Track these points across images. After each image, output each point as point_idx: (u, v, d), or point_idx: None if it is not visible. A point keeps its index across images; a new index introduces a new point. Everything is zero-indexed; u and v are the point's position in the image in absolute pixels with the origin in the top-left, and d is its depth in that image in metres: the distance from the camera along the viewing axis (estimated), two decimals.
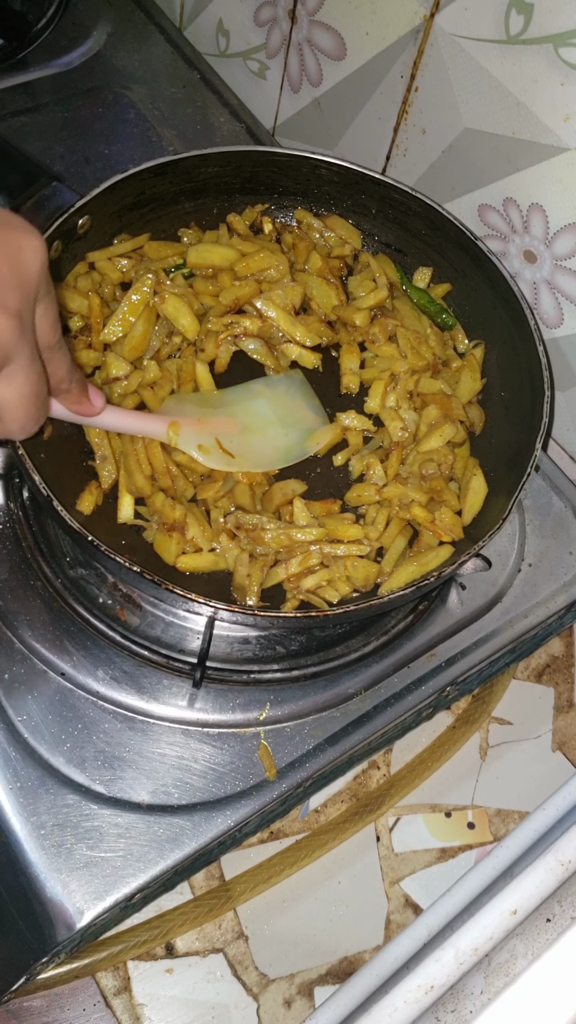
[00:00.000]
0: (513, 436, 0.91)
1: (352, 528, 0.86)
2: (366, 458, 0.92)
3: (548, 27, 0.82)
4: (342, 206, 1.02)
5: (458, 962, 0.71)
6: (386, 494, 0.88)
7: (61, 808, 0.77)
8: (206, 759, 0.81)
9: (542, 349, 0.88)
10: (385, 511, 0.88)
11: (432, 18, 0.93)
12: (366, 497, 0.89)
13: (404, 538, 0.88)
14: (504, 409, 0.94)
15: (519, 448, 0.88)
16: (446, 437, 0.90)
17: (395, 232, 1.02)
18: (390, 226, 1.01)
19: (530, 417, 0.88)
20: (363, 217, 1.02)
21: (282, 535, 0.83)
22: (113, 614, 0.87)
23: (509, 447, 0.91)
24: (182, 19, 1.33)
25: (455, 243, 0.96)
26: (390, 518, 0.88)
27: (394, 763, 0.97)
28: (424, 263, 1.02)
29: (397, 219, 1.00)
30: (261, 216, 1.02)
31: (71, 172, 1.13)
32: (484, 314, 0.97)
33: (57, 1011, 0.84)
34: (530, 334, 0.89)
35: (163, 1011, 0.84)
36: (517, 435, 0.90)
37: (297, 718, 0.84)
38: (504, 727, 1.00)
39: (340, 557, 0.84)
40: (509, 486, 0.85)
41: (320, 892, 0.90)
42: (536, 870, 0.74)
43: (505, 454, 0.91)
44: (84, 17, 1.30)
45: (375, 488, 0.89)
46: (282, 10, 1.13)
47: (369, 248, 1.04)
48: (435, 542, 0.87)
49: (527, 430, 0.87)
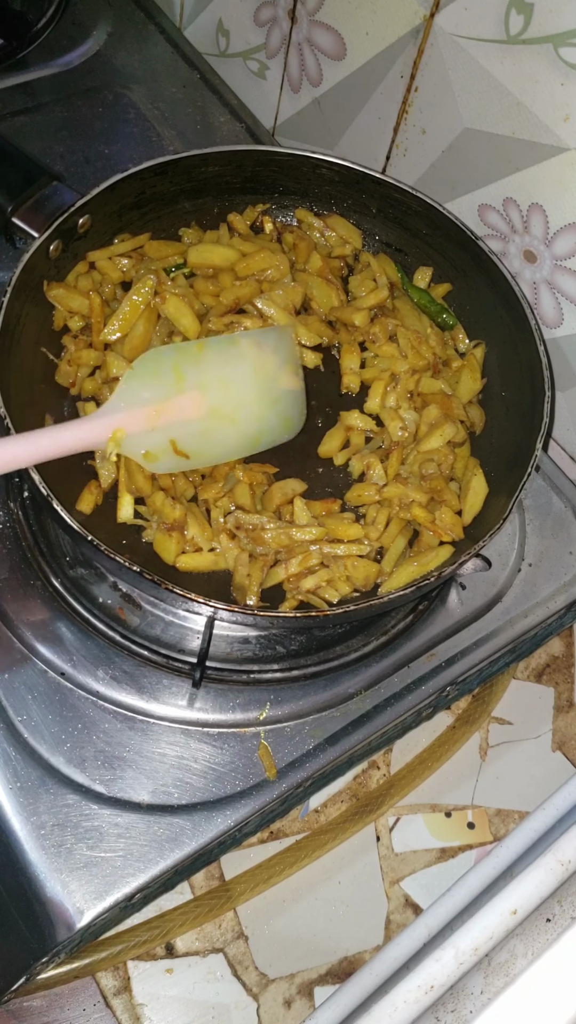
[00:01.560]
0: (513, 436, 0.91)
1: (352, 528, 0.85)
2: (366, 458, 0.92)
3: (548, 27, 0.82)
4: (343, 205, 1.02)
5: (458, 962, 0.71)
6: (386, 494, 0.88)
7: (61, 808, 0.77)
8: (206, 759, 0.81)
9: (543, 349, 0.88)
10: (385, 511, 0.88)
11: (432, 18, 0.93)
12: (366, 497, 0.89)
13: (404, 538, 0.88)
14: (504, 409, 0.94)
15: (519, 448, 0.88)
16: (446, 437, 0.90)
17: (396, 231, 1.02)
18: (391, 225, 1.01)
19: (530, 417, 0.88)
20: (364, 217, 1.02)
21: (282, 535, 0.83)
22: (113, 614, 0.87)
23: (509, 447, 0.91)
24: (182, 19, 1.33)
25: (456, 242, 0.96)
26: (390, 518, 0.88)
27: (394, 763, 0.97)
28: (425, 263, 1.02)
29: (398, 218, 1.00)
30: (262, 216, 1.02)
31: (71, 172, 1.13)
32: (485, 314, 0.97)
33: (57, 1011, 0.84)
34: (531, 333, 0.89)
35: (163, 1011, 0.84)
36: (517, 435, 0.90)
37: (297, 718, 0.84)
38: (504, 727, 1.00)
39: (340, 557, 0.84)
40: (509, 486, 0.85)
41: (320, 892, 0.90)
42: (536, 870, 0.74)
43: (505, 454, 0.91)
44: (84, 17, 1.30)
45: (375, 488, 0.89)
46: (282, 10, 1.13)
47: (370, 248, 1.04)
48: (435, 542, 0.87)
49: (527, 429, 0.87)
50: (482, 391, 0.97)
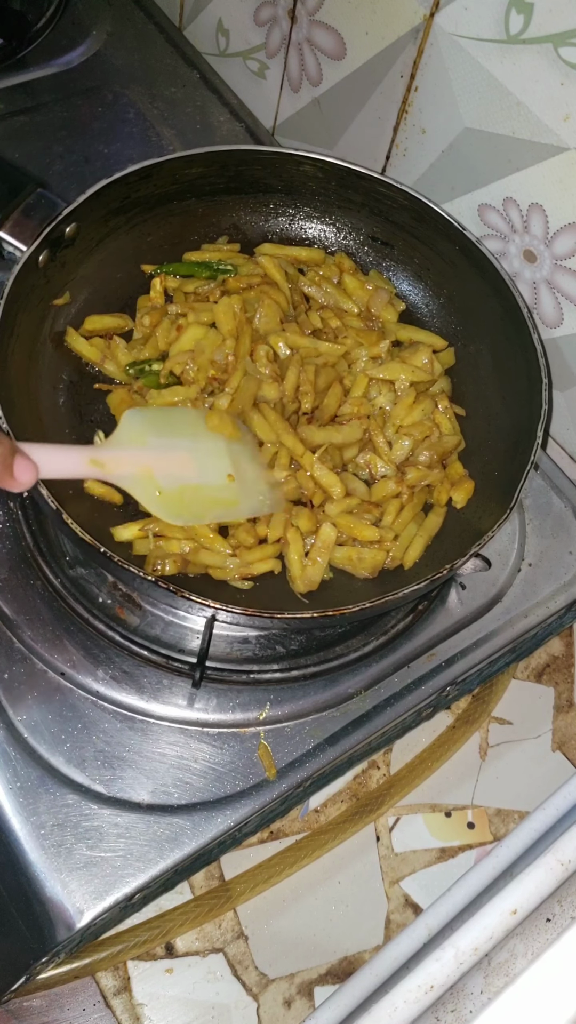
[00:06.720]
0: (513, 427, 0.91)
1: (368, 530, 0.86)
2: (365, 456, 0.92)
3: (548, 27, 0.82)
4: (327, 201, 1.02)
5: (458, 962, 0.71)
6: (410, 481, 0.89)
7: (61, 808, 0.77)
8: (206, 759, 0.81)
9: (536, 337, 0.88)
10: (397, 501, 0.89)
11: (432, 18, 0.93)
12: (390, 490, 0.90)
13: (416, 524, 0.89)
14: (501, 398, 0.94)
15: (520, 438, 0.88)
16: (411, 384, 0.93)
17: (381, 225, 1.02)
18: (376, 220, 1.02)
19: (528, 406, 0.88)
20: (349, 212, 1.02)
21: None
22: (113, 614, 0.87)
23: (509, 438, 0.91)
24: (182, 19, 1.33)
25: (443, 234, 0.96)
26: (403, 505, 0.89)
27: (394, 763, 0.97)
28: (412, 255, 1.02)
29: (383, 212, 1.00)
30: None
31: (71, 171, 1.13)
32: (477, 305, 0.97)
33: (57, 1011, 0.84)
34: (523, 322, 0.88)
35: (163, 1011, 0.84)
36: (517, 425, 0.90)
37: (297, 718, 0.84)
38: (504, 727, 1.00)
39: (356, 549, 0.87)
40: (512, 476, 0.84)
41: (320, 892, 0.90)
42: (536, 870, 0.74)
43: (505, 446, 0.91)
44: (84, 17, 1.29)
45: (395, 480, 0.90)
46: (282, 10, 1.12)
47: (354, 238, 1.04)
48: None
49: (527, 419, 0.87)
50: (477, 384, 0.97)
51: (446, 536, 0.90)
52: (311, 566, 0.85)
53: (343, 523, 0.86)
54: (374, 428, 0.92)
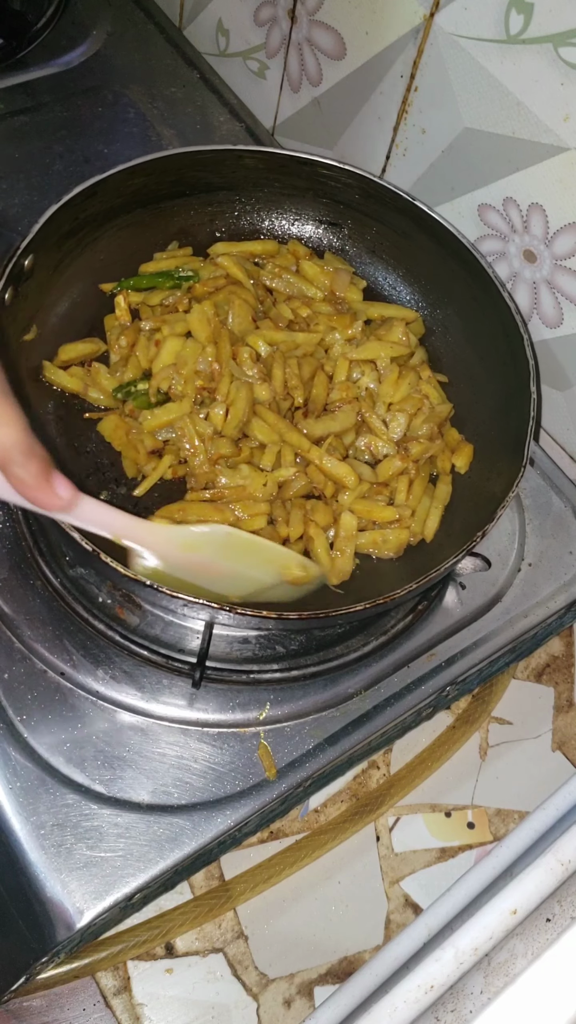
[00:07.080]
0: (498, 385, 0.91)
1: (386, 511, 0.87)
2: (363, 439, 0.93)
3: (548, 27, 0.82)
4: (272, 189, 1.02)
5: (458, 962, 0.71)
6: (414, 455, 0.90)
7: (61, 808, 0.77)
8: (206, 759, 0.81)
9: (507, 294, 0.88)
10: (405, 478, 0.90)
11: (432, 18, 0.93)
12: (396, 468, 0.90)
13: (428, 496, 0.90)
14: (479, 359, 0.94)
15: (509, 394, 0.88)
16: (391, 360, 0.93)
17: (329, 207, 1.02)
18: (323, 202, 1.02)
19: (512, 364, 0.87)
20: (293, 198, 1.03)
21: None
22: (112, 614, 0.87)
23: (496, 395, 0.91)
24: (182, 19, 1.33)
25: (391, 207, 0.96)
26: (411, 481, 0.89)
27: (394, 763, 0.97)
28: (364, 232, 1.02)
29: (329, 193, 1.00)
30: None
31: (70, 171, 1.13)
32: (438, 272, 0.97)
33: (57, 1011, 0.84)
34: (490, 281, 0.88)
35: (163, 1011, 0.84)
36: (502, 383, 0.90)
37: (297, 718, 0.84)
38: (504, 727, 1.00)
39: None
40: (514, 441, 0.85)
41: (320, 892, 0.90)
42: (536, 870, 0.74)
43: (493, 403, 0.92)
44: (84, 17, 1.29)
45: (400, 457, 0.90)
46: (282, 10, 1.13)
47: (302, 224, 1.04)
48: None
49: (516, 377, 0.87)
50: (451, 348, 0.98)
51: (459, 507, 0.91)
52: (340, 557, 0.85)
53: (360, 509, 0.86)
54: (366, 409, 0.92)
